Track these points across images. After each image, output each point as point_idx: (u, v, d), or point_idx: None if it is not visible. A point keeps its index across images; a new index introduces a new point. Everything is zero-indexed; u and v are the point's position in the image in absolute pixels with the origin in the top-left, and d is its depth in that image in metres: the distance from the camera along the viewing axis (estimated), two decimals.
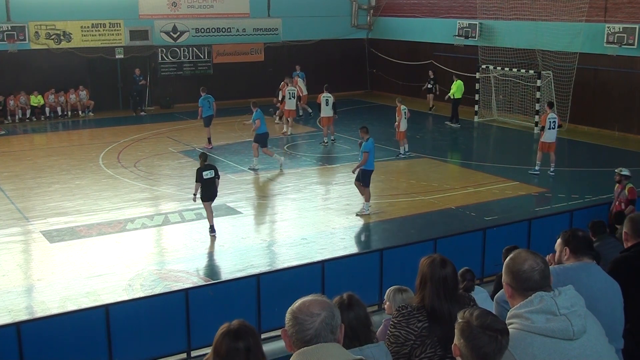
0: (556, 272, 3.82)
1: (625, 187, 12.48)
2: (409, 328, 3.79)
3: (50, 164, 19.72)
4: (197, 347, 9.23)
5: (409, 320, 3.81)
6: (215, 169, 13.89)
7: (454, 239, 11.76)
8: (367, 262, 10.96)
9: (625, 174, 12.64)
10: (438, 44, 29.21)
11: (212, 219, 13.81)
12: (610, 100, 23.44)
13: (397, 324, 3.84)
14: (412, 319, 3.80)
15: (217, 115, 22.19)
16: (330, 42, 31.77)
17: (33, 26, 26.33)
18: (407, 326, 3.80)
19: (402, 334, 3.79)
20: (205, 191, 13.63)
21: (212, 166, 13.94)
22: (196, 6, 29.41)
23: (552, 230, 12.36)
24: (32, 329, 8.62)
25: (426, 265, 3.88)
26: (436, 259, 3.88)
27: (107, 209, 15.48)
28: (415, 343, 3.77)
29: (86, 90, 27.26)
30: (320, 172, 19.11)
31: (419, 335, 3.77)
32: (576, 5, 23.30)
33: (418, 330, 3.78)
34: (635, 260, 4.87)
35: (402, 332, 3.79)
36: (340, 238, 13.85)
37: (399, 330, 3.81)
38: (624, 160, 20.00)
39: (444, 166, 19.42)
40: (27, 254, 13.28)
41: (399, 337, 3.79)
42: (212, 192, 13.71)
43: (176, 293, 9.77)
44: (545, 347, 3.03)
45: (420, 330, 3.78)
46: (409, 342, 3.78)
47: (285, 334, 2.77)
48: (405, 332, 3.79)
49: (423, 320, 3.79)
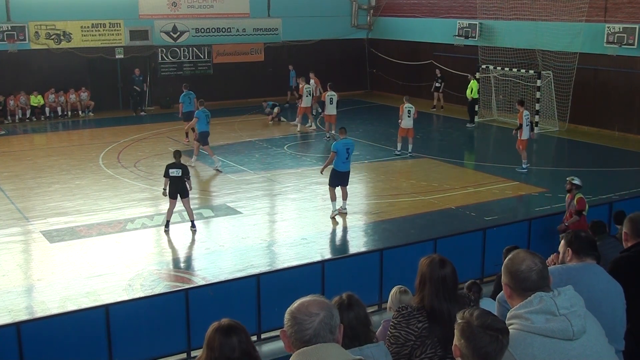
0: (558, 272, 3.82)
1: (575, 197, 11.87)
2: (409, 329, 3.79)
3: (50, 164, 19.72)
4: (197, 347, 9.21)
5: (409, 320, 3.81)
6: (185, 168, 13.92)
7: (454, 239, 11.77)
8: (367, 262, 10.96)
9: (576, 183, 11.96)
10: (438, 44, 29.21)
11: (170, 215, 13.94)
12: (610, 100, 23.43)
13: (397, 324, 3.84)
14: (412, 320, 3.80)
15: (217, 115, 22.19)
16: (330, 42, 31.76)
17: (33, 26, 26.33)
18: (407, 327, 3.80)
19: (402, 335, 3.79)
20: (171, 188, 13.76)
21: (181, 165, 13.98)
22: (196, 6, 29.41)
23: (552, 231, 12.39)
24: (32, 329, 8.63)
25: (425, 266, 3.89)
26: (435, 259, 3.89)
27: (107, 209, 15.48)
28: (415, 343, 3.77)
29: (87, 90, 27.27)
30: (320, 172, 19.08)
31: (419, 336, 3.77)
32: (576, 5, 23.30)
33: (418, 331, 3.78)
34: (635, 260, 4.86)
35: (402, 332, 3.80)
36: (340, 238, 13.85)
37: (399, 331, 3.81)
38: (624, 160, 20.06)
39: (444, 166, 19.41)
40: (27, 254, 13.28)
41: (399, 337, 3.79)
42: (178, 189, 13.75)
43: (176, 293, 9.78)
44: (545, 347, 3.03)
45: (421, 330, 3.78)
46: (409, 342, 3.78)
47: (284, 335, 2.77)
48: (405, 333, 3.79)
49: (423, 320, 3.79)
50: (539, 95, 23.86)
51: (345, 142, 14.76)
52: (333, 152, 14.57)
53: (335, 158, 14.58)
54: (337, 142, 14.85)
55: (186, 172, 13.84)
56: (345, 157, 14.63)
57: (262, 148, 21.60)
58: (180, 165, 13.91)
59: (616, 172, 18.78)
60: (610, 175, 18.36)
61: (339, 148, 14.55)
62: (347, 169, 14.81)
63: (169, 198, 13.87)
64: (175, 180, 13.71)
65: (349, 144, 14.76)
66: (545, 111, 24.28)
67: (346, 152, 14.62)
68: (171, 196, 13.81)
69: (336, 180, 14.73)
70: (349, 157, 14.74)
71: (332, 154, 14.59)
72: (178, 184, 13.74)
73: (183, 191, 13.80)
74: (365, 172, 18.79)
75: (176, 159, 14.00)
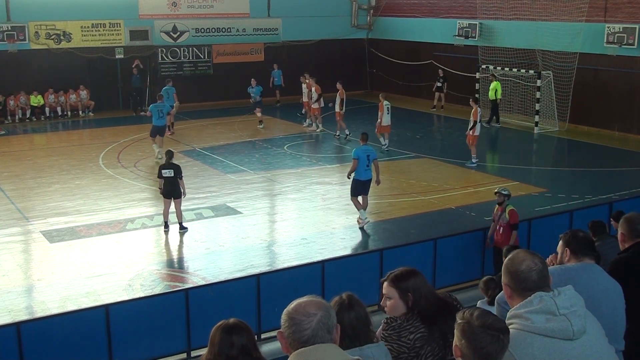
0: (557, 272, 3.81)
1: (506, 209, 11.08)
2: (401, 341, 3.70)
3: (50, 164, 19.72)
4: (197, 347, 9.22)
5: (400, 333, 3.71)
6: (177, 168, 13.92)
7: (454, 239, 11.77)
8: (367, 262, 10.96)
9: (505, 193, 11.24)
10: (438, 44, 29.20)
11: (167, 216, 13.93)
12: (610, 100, 23.43)
13: (388, 337, 3.73)
14: (403, 332, 3.71)
15: (218, 115, 22.20)
16: (330, 42, 31.76)
17: (33, 26, 26.32)
18: (399, 339, 3.71)
19: (394, 348, 3.70)
20: (165, 188, 13.79)
21: (174, 165, 13.98)
22: (196, 6, 29.41)
23: (552, 230, 12.41)
24: (32, 329, 8.63)
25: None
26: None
27: (107, 209, 15.48)
28: (409, 355, 3.68)
29: (87, 90, 27.28)
30: (320, 172, 19.10)
31: (412, 347, 3.68)
32: (576, 5, 23.30)
33: (411, 342, 3.68)
34: (634, 261, 4.86)
35: (394, 345, 3.70)
36: (340, 238, 13.85)
37: (391, 344, 3.70)
38: (624, 160, 20.06)
39: (444, 166, 19.41)
40: (27, 254, 13.28)
41: (392, 350, 3.69)
42: (171, 189, 13.76)
43: (176, 293, 9.78)
44: (545, 347, 3.03)
45: (413, 342, 3.68)
46: (402, 355, 3.69)
47: (282, 336, 2.76)
48: (397, 346, 3.70)
49: (415, 331, 3.70)
50: (539, 95, 23.85)
51: (366, 148, 14.26)
52: (354, 159, 13.97)
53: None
54: (357, 148, 14.34)
55: (178, 172, 13.85)
56: (366, 164, 14.02)
57: (262, 148, 21.60)
58: (172, 165, 13.92)
59: (616, 172, 18.77)
60: (610, 175, 18.36)
61: (360, 155, 13.98)
62: (368, 177, 14.18)
63: (164, 198, 13.91)
64: (168, 180, 13.74)
65: (369, 151, 14.20)
66: (545, 111, 24.27)
67: (367, 159, 14.00)
68: (165, 196, 13.85)
69: (358, 189, 14.14)
70: (369, 164, 14.07)
71: (354, 161, 13.98)
72: (172, 184, 13.76)
73: (176, 192, 13.81)
74: None
75: (167, 159, 14.02)
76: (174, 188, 13.80)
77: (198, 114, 26.86)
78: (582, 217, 11.63)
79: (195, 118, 26.19)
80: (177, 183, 13.80)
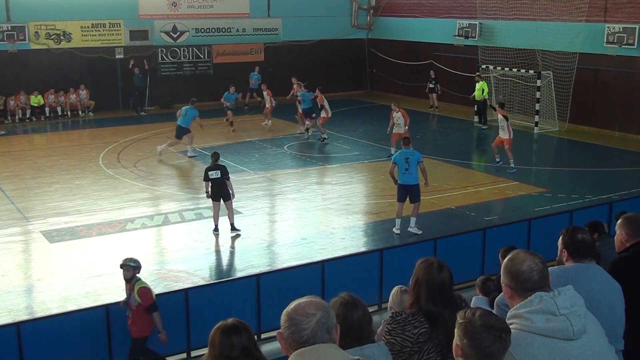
0: (556, 273, 3.80)
1: (135, 287, 8.56)
2: (405, 335, 3.73)
3: (50, 164, 19.72)
4: (197, 347, 9.23)
5: (404, 327, 3.74)
6: (223, 169, 13.73)
7: (454, 239, 11.77)
8: (367, 262, 10.96)
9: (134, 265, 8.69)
10: (438, 44, 29.20)
11: (217, 219, 13.78)
12: (610, 100, 23.43)
13: (392, 330, 3.77)
14: (407, 326, 3.74)
15: (218, 115, 22.18)
16: (330, 42, 31.76)
17: (33, 26, 26.32)
18: (403, 333, 3.73)
19: (397, 342, 3.73)
20: (213, 190, 13.63)
21: (220, 166, 13.79)
22: (196, 6, 29.41)
23: (552, 231, 12.38)
24: (32, 329, 8.64)
25: (422, 269, 3.84)
26: (434, 264, 3.83)
27: (107, 209, 15.48)
28: (412, 350, 3.71)
29: (87, 90, 27.27)
30: (320, 172, 19.10)
31: (416, 342, 3.70)
32: (576, 5, 23.29)
33: (414, 337, 3.71)
34: (634, 260, 4.85)
35: (397, 339, 3.73)
36: (340, 238, 13.84)
37: (395, 338, 3.74)
38: (624, 160, 20.06)
39: (444, 166, 19.40)
40: (27, 254, 13.28)
41: (395, 344, 3.72)
42: (219, 191, 13.62)
43: (176, 293, 9.77)
44: (545, 347, 3.03)
45: (417, 336, 3.71)
46: (405, 349, 3.71)
47: (281, 337, 2.75)
48: (401, 339, 3.73)
49: (419, 326, 3.72)
50: (539, 95, 23.84)
51: (404, 151, 13.88)
52: (392, 164, 13.82)
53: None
54: (397, 153, 14.18)
55: (225, 173, 13.66)
56: (405, 167, 13.58)
57: (262, 148, 21.60)
58: (218, 166, 13.71)
59: (616, 172, 18.77)
60: (610, 175, 18.36)
61: (397, 159, 13.77)
62: (408, 181, 13.62)
63: (212, 200, 13.70)
64: (216, 182, 13.55)
65: (408, 154, 13.77)
66: (545, 111, 24.27)
67: (405, 162, 13.58)
68: (214, 198, 13.64)
69: (400, 193, 13.77)
70: (409, 167, 13.57)
71: (392, 165, 13.84)
72: (220, 185, 13.58)
73: (225, 193, 13.62)
74: (365, 172, 18.79)
75: (213, 161, 13.80)
76: (223, 189, 13.60)
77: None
78: (582, 217, 11.61)
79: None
80: (224, 184, 13.60)
